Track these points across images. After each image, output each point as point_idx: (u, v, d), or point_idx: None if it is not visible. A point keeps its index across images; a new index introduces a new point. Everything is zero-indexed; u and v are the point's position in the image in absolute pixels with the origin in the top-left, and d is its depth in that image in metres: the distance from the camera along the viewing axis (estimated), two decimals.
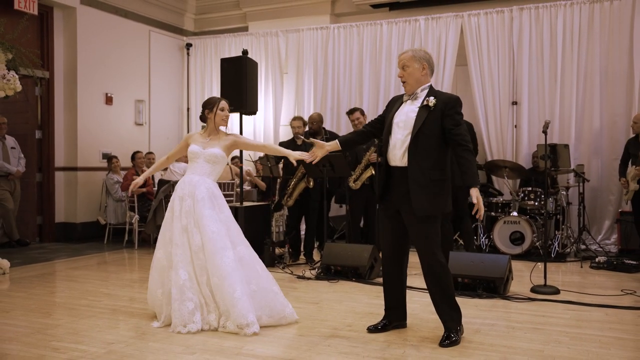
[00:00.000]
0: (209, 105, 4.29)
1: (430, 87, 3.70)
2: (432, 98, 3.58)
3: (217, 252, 3.86)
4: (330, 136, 6.70)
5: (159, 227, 7.50)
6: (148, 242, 8.10)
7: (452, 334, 3.57)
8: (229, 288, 3.79)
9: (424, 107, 3.58)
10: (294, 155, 4.15)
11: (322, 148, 3.95)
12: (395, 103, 3.81)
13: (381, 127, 3.87)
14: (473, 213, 3.51)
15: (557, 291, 4.99)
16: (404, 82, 3.70)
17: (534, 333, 3.81)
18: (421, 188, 3.50)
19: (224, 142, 4.22)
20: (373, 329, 3.82)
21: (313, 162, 4.04)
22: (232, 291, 3.78)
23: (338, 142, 3.99)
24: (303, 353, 3.39)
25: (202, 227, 3.93)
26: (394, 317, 3.88)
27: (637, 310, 4.40)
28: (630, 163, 6.71)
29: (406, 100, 3.71)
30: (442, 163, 3.59)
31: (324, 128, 6.93)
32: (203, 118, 4.33)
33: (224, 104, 4.29)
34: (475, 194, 3.48)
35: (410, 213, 3.56)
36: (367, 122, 4.36)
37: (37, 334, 3.75)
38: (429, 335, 3.74)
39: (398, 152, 3.61)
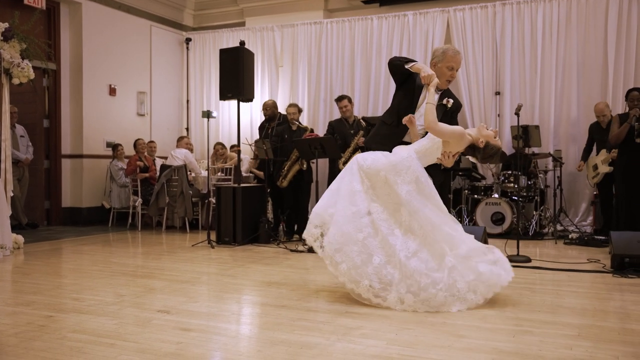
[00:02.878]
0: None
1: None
2: (451, 100, 4.03)
3: None
4: (283, 120, 7.23)
5: (161, 210, 8.07)
6: (150, 224, 8.55)
7: None
8: None
9: (441, 106, 4.00)
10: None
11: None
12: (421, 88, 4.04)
13: None
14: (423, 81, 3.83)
15: (528, 260, 5.45)
16: (450, 81, 4.08)
17: (502, 289, 4.26)
18: None
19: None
20: None
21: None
22: None
23: None
24: (294, 302, 3.84)
25: None
26: None
27: (597, 273, 4.87)
28: (595, 147, 7.16)
29: (429, 90, 3.85)
30: None
31: (279, 113, 7.52)
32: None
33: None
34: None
35: None
36: (369, 116, 4.97)
37: (57, 289, 4.21)
38: None
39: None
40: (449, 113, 4.03)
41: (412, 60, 3.98)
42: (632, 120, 6.23)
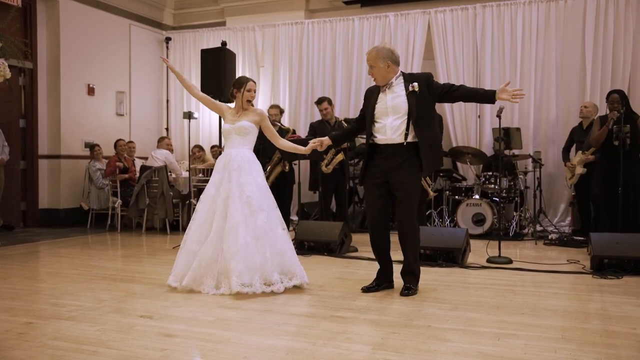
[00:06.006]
0: (237, 84, 4.55)
1: (402, 73, 4.20)
2: (415, 84, 4.08)
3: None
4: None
5: (141, 211, 7.98)
6: (130, 226, 8.44)
7: (412, 285, 4.15)
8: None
9: (411, 94, 4.08)
10: (306, 149, 4.50)
11: (322, 142, 4.43)
12: (372, 94, 4.29)
13: (365, 122, 4.34)
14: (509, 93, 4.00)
15: (510, 261, 5.50)
16: (374, 79, 4.23)
17: (484, 290, 4.30)
18: (430, 155, 4.08)
19: (252, 116, 4.50)
20: (366, 289, 4.24)
21: (320, 149, 4.47)
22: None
23: (329, 138, 4.48)
24: (278, 306, 3.82)
25: (239, 193, 4.25)
26: (384, 279, 4.31)
27: (577, 274, 4.93)
28: (574, 149, 7.24)
29: (383, 91, 4.19)
30: (436, 130, 4.25)
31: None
32: (231, 95, 4.59)
33: (251, 84, 4.53)
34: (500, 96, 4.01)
35: (400, 182, 4.07)
36: (351, 118, 4.93)
37: (36, 294, 4.12)
38: (390, 294, 4.19)
39: (389, 132, 4.09)
40: (420, 95, 4.07)
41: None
42: (610, 124, 6.31)
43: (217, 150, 8.41)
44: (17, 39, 6.60)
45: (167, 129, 10.47)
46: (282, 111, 7.28)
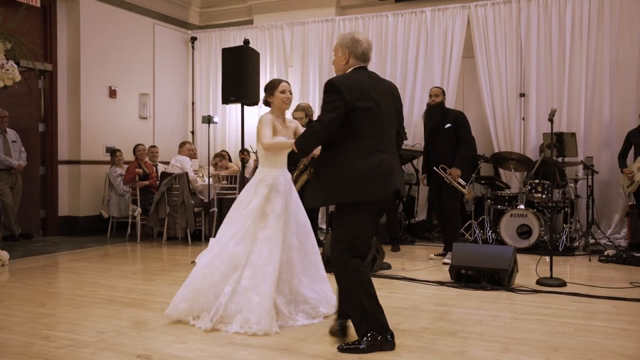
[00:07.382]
0: (268, 89, 4.01)
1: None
2: None
3: None
4: None
5: (161, 220, 7.55)
6: (151, 235, 8.04)
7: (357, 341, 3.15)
8: None
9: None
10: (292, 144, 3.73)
11: None
12: None
13: None
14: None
15: (563, 283, 4.87)
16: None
17: (538, 324, 3.70)
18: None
19: (292, 128, 4.05)
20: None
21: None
22: None
23: None
24: (298, 343, 3.30)
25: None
26: None
27: None
28: (633, 154, 6.55)
29: None
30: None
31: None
32: (266, 103, 4.03)
33: (285, 85, 3.98)
34: None
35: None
36: None
37: (28, 323, 3.69)
38: (429, 326, 3.63)
39: None
40: None
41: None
42: None
43: (241, 156, 7.94)
44: (31, 40, 6.21)
45: (192, 133, 10.08)
46: (308, 114, 6.68)
